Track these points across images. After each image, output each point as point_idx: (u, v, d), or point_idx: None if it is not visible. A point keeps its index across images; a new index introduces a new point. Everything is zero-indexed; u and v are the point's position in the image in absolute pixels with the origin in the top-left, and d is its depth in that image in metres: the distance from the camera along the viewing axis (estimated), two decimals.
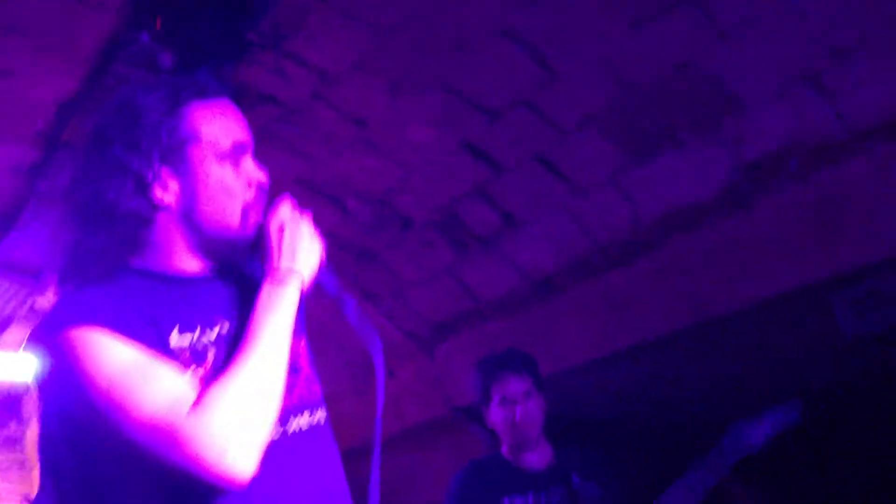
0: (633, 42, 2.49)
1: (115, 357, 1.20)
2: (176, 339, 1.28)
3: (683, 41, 2.43)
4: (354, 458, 1.42)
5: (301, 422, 1.37)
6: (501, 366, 2.68)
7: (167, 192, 1.33)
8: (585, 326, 3.30)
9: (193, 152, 1.34)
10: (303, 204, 1.45)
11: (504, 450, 2.70)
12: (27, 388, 4.93)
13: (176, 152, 1.33)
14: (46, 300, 4.27)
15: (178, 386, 1.20)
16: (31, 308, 4.25)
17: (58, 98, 2.92)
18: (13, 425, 4.95)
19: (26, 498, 4.77)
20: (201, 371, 1.27)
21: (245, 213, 1.37)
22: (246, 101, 2.77)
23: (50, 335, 1.24)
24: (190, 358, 1.27)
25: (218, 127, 1.36)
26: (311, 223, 1.40)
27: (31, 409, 4.90)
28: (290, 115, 3.10)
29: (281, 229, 1.36)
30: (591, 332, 3.28)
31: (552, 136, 2.87)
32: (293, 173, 3.39)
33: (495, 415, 2.67)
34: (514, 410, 2.61)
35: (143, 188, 1.32)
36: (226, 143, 1.36)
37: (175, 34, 2.59)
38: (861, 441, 3.59)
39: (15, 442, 4.91)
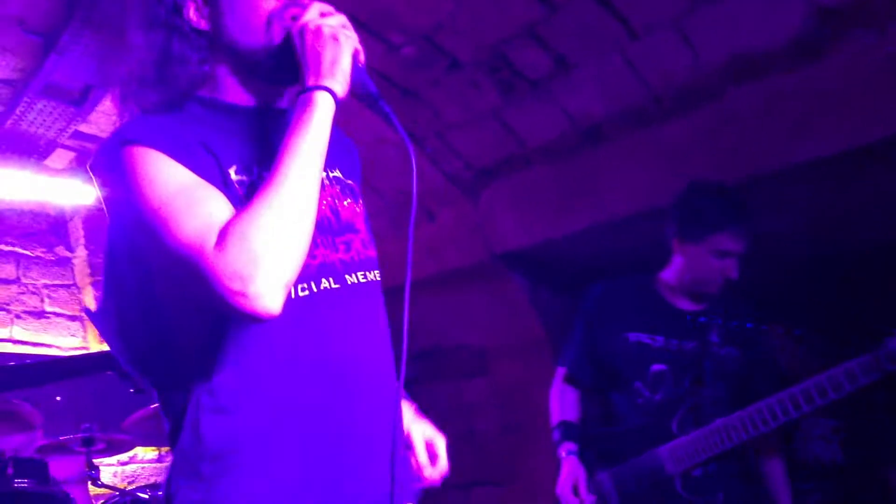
0: None
1: (169, 178, 1.22)
2: (234, 175, 1.30)
3: None
4: (396, 296, 1.40)
5: (354, 279, 1.37)
6: (732, 218, 2.40)
7: (201, 16, 1.34)
8: (634, 178, 3.19)
9: None
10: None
11: (666, 279, 2.52)
12: (73, 212, 5.01)
13: None
14: (90, 125, 4.26)
15: (218, 212, 1.20)
16: (75, 132, 4.25)
17: None
18: (61, 249, 5.07)
19: (82, 310, 4.96)
20: None
21: (269, 20, 1.33)
22: None
23: (113, 154, 1.26)
24: (246, 195, 1.28)
25: None
26: (344, 23, 1.31)
27: (78, 232, 5.00)
28: None
29: (308, 37, 1.29)
30: (639, 183, 3.18)
31: None
32: (338, 5, 3.24)
33: (701, 257, 2.42)
34: (733, 267, 2.39)
35: (177, 16, 1.33)
36: None
37: None
38: None
39: (63, 264, 5.05)
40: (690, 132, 2.90)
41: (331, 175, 1.43)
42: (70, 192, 4.65)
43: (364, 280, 1.39)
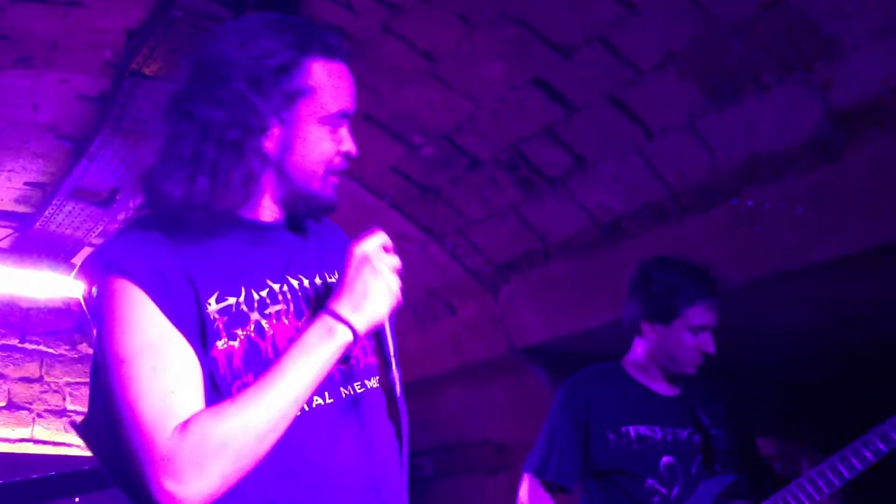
0: None
1: (140, 328, 1.20)
2: (214, 306, 1.26)
3: None
4: (416, 391, 1.38)
5: (350, 390, 1.35)
6: (706, 291, 2.34)
7: (269, 140, 1.31)
8: None
9: (303, 106, 1.31)
10: (366, 138, 1.39)
11: (628, 363, 2.43)
12: None
13: (288, 101, 1.31)
14: (117, 224, 4.35)
15: (178, 392, 1.18)
16: (102, 231, 4.34)
17: (126, 27, 2.90)
18: (84, 346, 5.11)
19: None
20: (242, 334, 1.26)
21: (327, 174, 1.35)
22: None
23: (94, 277, 1.26)
24: (227, 323, 1.25)
25: (332, 89, 1.33)
26: (396, 268, 1.30)
27: None
28: (357, 48, 3.03)
29: (362, 263, 1.28)
30: None
31: (628, 75, 2.74)
32: (359, 107, 3.33)
33: (675, 335, 2.33)
34: (709, 342, 2.32)
35: (255, 132, 1.28)
36: (333, 106, 1.33)
37: None
38: None
39: (86, 361, 5.09)
40: (708, 229, 2.92)
41: (329, 281, 1.40)
42: None
43: (361, 390, 1.36)
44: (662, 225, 3.10)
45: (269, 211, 1.36)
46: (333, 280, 1.40)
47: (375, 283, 1.27)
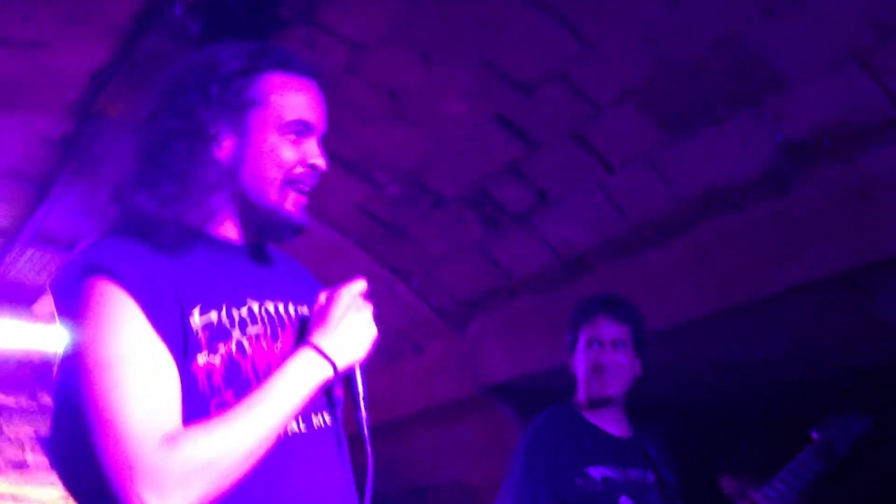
0: (674, 15, 2.42)
1: (125, 331, 1.18)
2: (197, 319, 1.25)
3: (726, 15, 2.35)
4: (384, 432, 1.39)
5: (320, 420, 1.35)
6: (597, 305, 2.40)
7: (221, 149, 1.32)
8: None
9: (255, 115, 1.33)
10: (331, 177, 1.41)
11: (578, 404, 2.41)
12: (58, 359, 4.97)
13: (239, 112, 1.32)
14: None
15: (163, 402, 1.17)
16: None
17: (89, 69, 2.91)
18: (44, 396, 5.00)
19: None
20: (223, 350, 1.25)
21: (286, 185, 1.34)
22: None
23: (74, 280, 1.23)
24: (209, 337, 1.25)
25: (288, 100, 1.34)
26: (372, 317, 1.35)
27: None
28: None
29: (340, 304, 1.32)
30: None
31: (587, 111, 2.81)
32: (324, 144, 3.36)
33: (579, 361, 2.39)
34: (602, 354, 2.34)
35: (203, 139, 1.31)
36: (290, 115, 1.34)
37: (207, 7, 2.57)
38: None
39: (47, 412, 4.98)
40: (669, 261, 2.98)
41: (299, 311, 1.40)
42: (56, 338, 4.63)
43: (330, 422, 1.37)
44: (625, 258, 3.15)
45: (234, 231, 1.37)
46: (303, 311, 1.40)
47: (357, 326, 1.32)
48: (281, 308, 1.37)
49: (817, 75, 2.37)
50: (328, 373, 1.28)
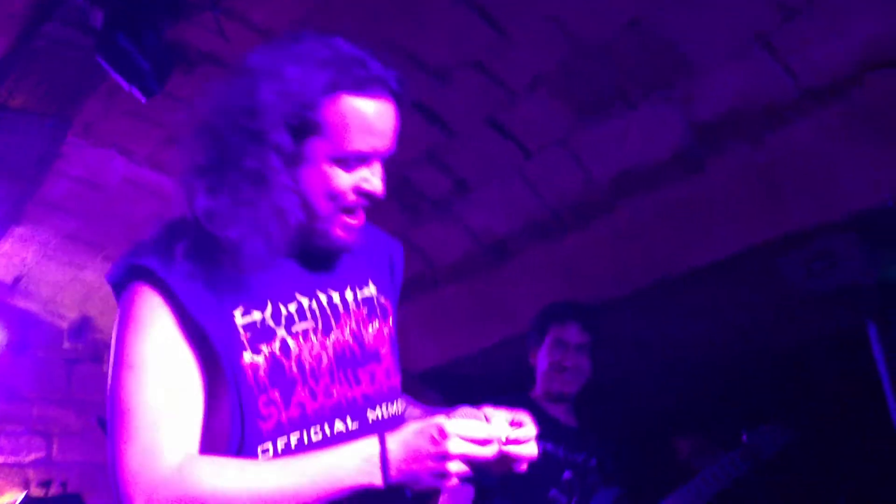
0: (584, 1, 2.43)
1: (148, 341, 1.21)
2: (239, 319, 1.25)
3: (636, 0, 2.38)
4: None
5: (379, 413, 1.33)
6: (569, 312, 2.65)
7: (279, 173, 1.26)
8: (540, 290, 3.27)
9: (312, 145, 1.27)
10: None
11: (535, 394, 2.65)
12: None
13: (298, 137, 1.26)
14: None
15: (179, 413, 1.20)
16: None
17: None
18: None
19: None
20: (266, 350, 1.24)
21: (335, 213, 1.29)
22: (186, 60, 2.67)
23: (122, 277, 1.27)
24: (252, 338, 1.24)
25: (351, 128, 1.26)
26: (457, 461, 1.21)
27: None
28: None
29: (432, 440, 1.20)
30: (545, 296, 3.25)
31: (503, 97, 2.81)
32: None
33: (543, 357, 2.63)
34: (566, 355, 2.58)
35: (267, 155, 1.25)
36: (349, 147, 1.27)
37: None
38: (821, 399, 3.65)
39: None
40: (588, 245, 3.02)
41: (359, 296, 1.38)
42: None
43: (387, 416, 1.33)
44: (545, 243, 3.18)
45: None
46: (366, 293, 1.39)
47: (426, 462, 1.20)
48: (336, 297, 1.35)
49: (725, 58, 2.42)
50: (377, 483, 1.20)
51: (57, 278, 4.36)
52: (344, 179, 1.27)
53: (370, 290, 1.40)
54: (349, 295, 1.36)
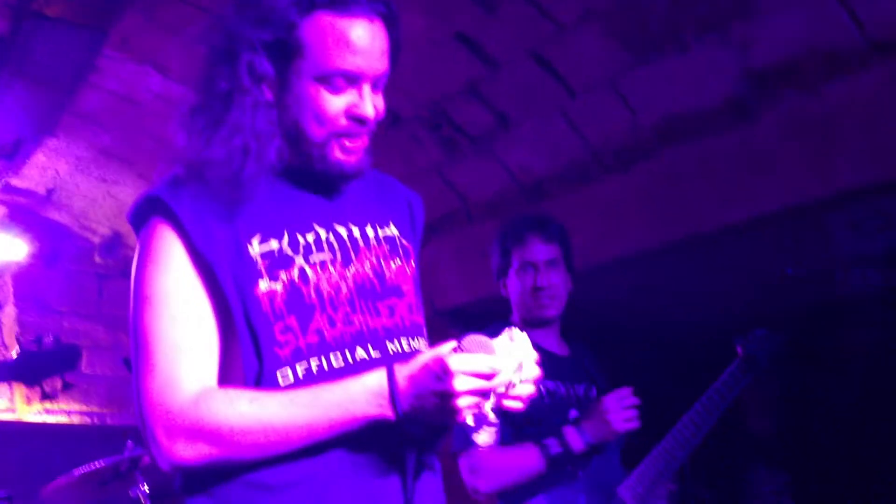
0: None
1: (164, 276, 1.24)
2: (256, 248, 1.26)
3: None
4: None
5: (398, 346, 1.32)
6: (526, 228, 2.37)
7: (267, 97, 1.28)
8: (574, 234, 3.20)
9: (295, 67, 1.26)
10: None
11: (514, 323, 2.39)
12: (3, 268, 4.84)
13: (281, 60, 1.26)
14: (21, 178, 4.15)
15: (194, 345, 1.23)
16: (6, 186, 4.14)
17: None
18: None
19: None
20: (285, 277, 1.25)
21: (331, 138, 1.28)
22: None
23: (141, 215, 1.30)
24: (269, 265, 1.25)
25: (329, 45, 1.24)
26: (465, 397, 1.18)
27: (7, 289, 4.82)
28: None
29: (438, 378, 1.17)
30: (579, 240, 3.18)
31: (550, 31, 2.70)
32: None
33: (513, 283, 2.37)
34: (535, 277, 2.32)
35: (248, 87, 1.26)
36: (330, 65, 1.25)
37: None
38: (856, 358, 3.57)
39: None
40: (627, 190, 2.93)
41: (380, 234, 1.38)
42: (0, 247, 4.50)
43: (408, 349, 1.32)
44: (583, 185, 3.09)
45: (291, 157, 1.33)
46: (388, 232, 1.39)
47: (432, 402, 1.19)
48: (357, 232, 1.35)
49: (787, 1, 2.29)
50: (388, 417, 1.20)
51: (90, 193, 4.36)
52: (332, 102, 1.26)
53: (392, 230, 1.41)
54: (370, 231, 1.36)
